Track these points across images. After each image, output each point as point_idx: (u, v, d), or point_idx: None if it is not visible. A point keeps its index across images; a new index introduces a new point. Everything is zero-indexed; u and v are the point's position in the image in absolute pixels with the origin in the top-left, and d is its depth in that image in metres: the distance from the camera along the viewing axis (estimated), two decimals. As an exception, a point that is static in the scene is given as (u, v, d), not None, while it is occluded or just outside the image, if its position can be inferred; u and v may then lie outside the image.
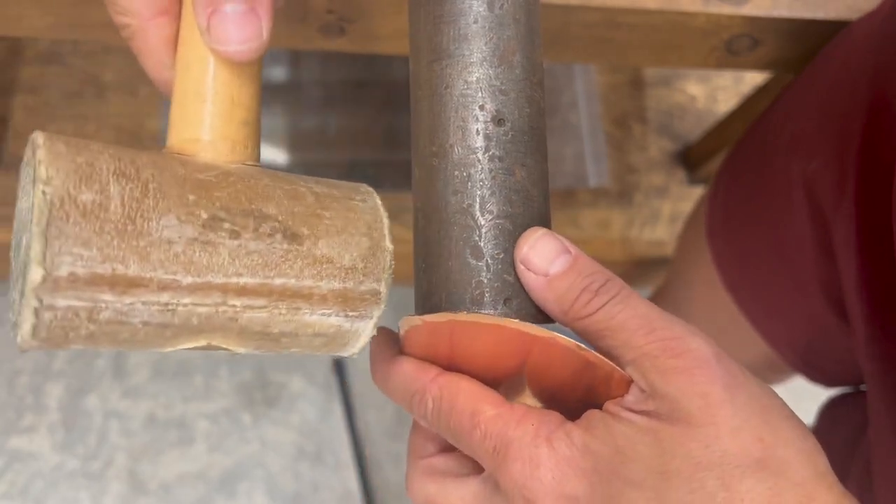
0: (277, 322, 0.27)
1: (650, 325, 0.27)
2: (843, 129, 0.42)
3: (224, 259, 0.26)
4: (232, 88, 0.29)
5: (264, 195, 0.27)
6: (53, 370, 0.92)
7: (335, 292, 0.28)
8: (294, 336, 0.28)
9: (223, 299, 0.26)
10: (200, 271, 0.25)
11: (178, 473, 0.89)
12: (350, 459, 0.91)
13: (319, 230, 0.28)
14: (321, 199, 0.29)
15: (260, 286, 0.26)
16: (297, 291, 0.27)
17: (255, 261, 0.26)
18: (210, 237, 0.26)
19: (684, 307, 0.66)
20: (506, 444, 0.27)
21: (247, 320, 0.27)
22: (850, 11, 0.46)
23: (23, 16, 0.45)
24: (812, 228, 0.46)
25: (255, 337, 0.27)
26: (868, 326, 0.42)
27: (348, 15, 0.44)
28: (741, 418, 0.26)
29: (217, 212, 0.26)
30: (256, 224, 0.27)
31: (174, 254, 0.25)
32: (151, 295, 0.25)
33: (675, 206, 0.83)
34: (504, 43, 0.30)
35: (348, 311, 0.28)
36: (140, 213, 0.24)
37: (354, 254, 0.28)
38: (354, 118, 0.81)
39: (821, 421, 0.57)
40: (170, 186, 0.25)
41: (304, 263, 0.27)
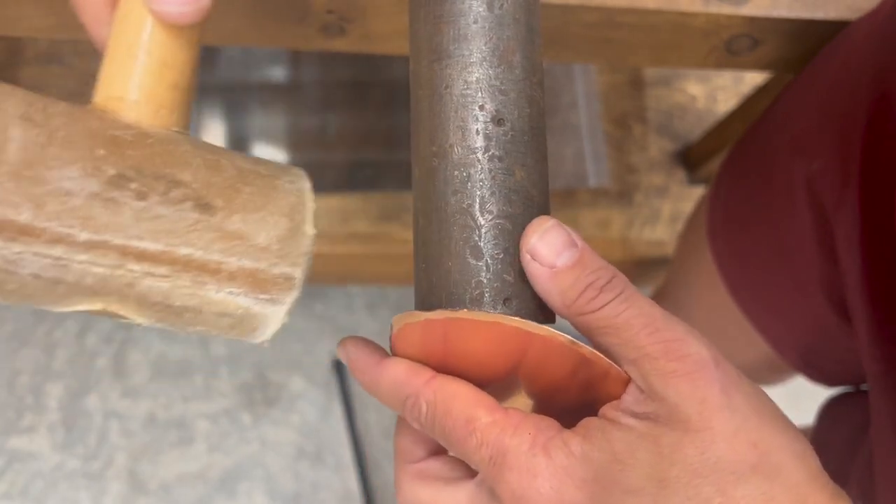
0: (179, 294, 0.26)
1: (653, 325, 0.27)
2: (844, 129, 0.42)
3: (126, 219, 0.25)
4: (165, 50, 0.28)
5: (181, 161, 0.27)
6: (53, 370, 0.92)
7: (245, 271, 0.27)
8: (197, 312, 0.27)
9: (121, 262, 0.25)
10: (98, 228, 0.24)
11: (178, 473, 0.89)
12: (350, 459, 0.91)
13: (235, 204, 0.27)
14: (243, 173, 0.28)
15: (162, 253, 0.25)
16: (203, 264, 0.26)
17: (160, 226, 0.25)
18: (114, 195, 0.25)
19: (685, 307, 0.66)
20: (502, 453, 0.27)
21: (146, 288, 0.26)
22: (850, 11, 0.46)
23: (23, 16, 0.45)
24: (813, 228, 0.46)
25: (155, 307, 0.26)
26: (871, 327, 0.42)
27: (348, 15, 0.44)
28: (736, 423, 0.26)
29: (125, 170, 0.25)
30: (167, 188, 0.26)
31: (72, 206, 0.24)
32: (43, 246, 0.24)
33: (675, 206, 0.83)
34: (504, 43, 0.30)
35: (258, 293, 0.27)
36: (41, 161, 0.23)
37: (271, 234, 0.27)
38: (354, 118, 0.81)
39: (821, 420, 0.57)
40: (79, 138, 0.25)
41: (214, 236, 0.26)
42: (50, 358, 0.92)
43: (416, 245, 0.31)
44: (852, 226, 0.41)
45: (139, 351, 0.94)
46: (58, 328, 0.94)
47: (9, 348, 0.92)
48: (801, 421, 0.67)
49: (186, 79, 0.29)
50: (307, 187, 0.29)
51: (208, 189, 0.27)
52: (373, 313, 0.99)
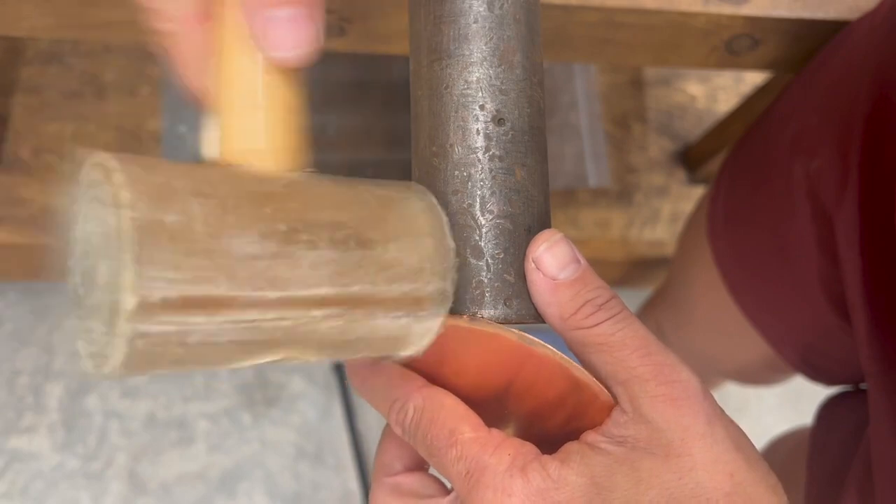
0: (353, 329, 0.27)
1: (647, 348, 0.27)
2: (844, 128, 0.42)
3: (304, 270, 0.25)
4: (286, 95, 0.28)
5: (332, 202, 0.27)
6: (53, 370, 0.92)
7: (406, 294, 0.28)
8: (367, 341, 0.28)
9: (305, 311, 0.25)
10: (284, 285, 0.25)
11: (178, 473, 0.89)
12: (350, 459, 0.91)
13: (387, 233, 0.27)
14: (383, 201, 0.28)
15: (338, 295, 0.26)
16: (372, 297, 0.27)
17: (333, 270, 0.26)
18: (290, 250, 0.25)
19: (685, 307, 0.66)
20: (480, 470, 0.27)
21: (326, 330, 0.26)
22: (850, 11, 0.46)
23: (23, 16, 0.45)
24: (814, 228, 0.46)
25: (331, 346, 0.27)
26: (869, 326, 0.42)
27: (348, 15, 0.44)
28: (716, 453, 0.26)
29: (294, 223, 0.25)
30: (330, 232, 0.26)
31: (259, 270, 0.24)
32: (240, 313, 0.24)
33: (675, 206, 0.83)
34: (504, 43, 0.30)
35: (418, 311, 0.28)
36: (223, 231, 0.24)
37: (421, 254, 0.28)
38: (354, 118, 0.81)
39: (820, 420, 0.57)
40: (245, 201, 0.25)
41: (377, 268, 0.27)
42: (50, 358, 0.92)
43: (417, 245, 0.31)
44: (852, 225, 0.41)
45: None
46: (58, 328, 0.94)
47: (9, 348, 0.92)
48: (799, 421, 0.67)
49: (303, 118, 0.29)
50: (435, 202, 0.30)
51: (362, 224, 0.27)
52: (373, 313, 0.99)
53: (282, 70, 0.28)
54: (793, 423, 0.71)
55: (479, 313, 0.29)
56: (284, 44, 0.27)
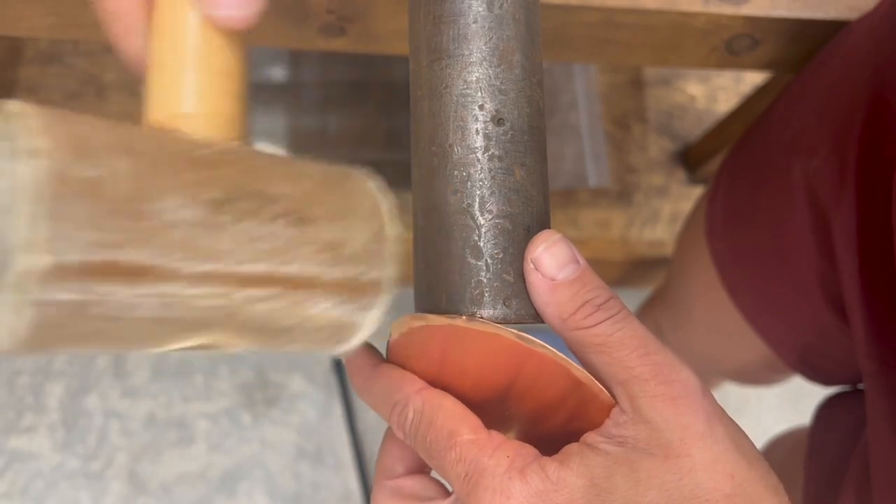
0: (280, 315, 0.25)
1: (646, 348, 0.27)
2: (843, 128, 0.42)
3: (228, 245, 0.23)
4: (224, 58, 0.26)
5: (265, 175, 0.25)
6: (53, 370, 0.92)
7: (339, 282, 0.26)
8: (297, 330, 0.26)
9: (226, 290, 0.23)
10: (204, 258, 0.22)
11: (178, 473, 0.89)
12: (350, 459, 0.91)
13: (325, 214, 0.25)
14: (322, 181, 0.27)
15: (264, 275, 0.24)
16: (303, 281, 0.25)
17: (260, 247, 0.24)
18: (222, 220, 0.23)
19: (683, 307, 0.66)
20: (479, 472, 0.27)
21: (248, 314, 0.24)
22: (850, 11, 0.46)
23: (23, 16, 0.45)
24: (812, 228, 0.46)
25: (254, 333, 0.25)
26: (867, 325, 0.42)
27: (348, 15, 0.44)
28: (716, 452, 0.26)
29: (227, 192, 0.23)
30: (260, 206, 0.24)
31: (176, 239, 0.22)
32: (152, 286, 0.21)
33: (675, 206, 0.83)
34: (504, 43, 0.30)
35: (352, 302, 0.26)
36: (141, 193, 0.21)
37: (358, 240, 0.26)
38: (354, 118, 0.81)
39: (818, 420, 0.57)
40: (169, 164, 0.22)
41: (310, 251, 0.25)
42: (50, 358, 0.92)
43: (416, 245, 0.31)
44: (849, 224, 0.42)
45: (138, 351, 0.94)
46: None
47: (9, 348, 0.92)
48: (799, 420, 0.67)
49: (244, 87, 0.27)
50: (377, 187, 0.28)
51: (297, 201, 0.25)
52: (373, 313, 0.99)
53: (221, 31, 0.26)
54: (792, 423, 0.71)
55: (479, 313, 0.29)
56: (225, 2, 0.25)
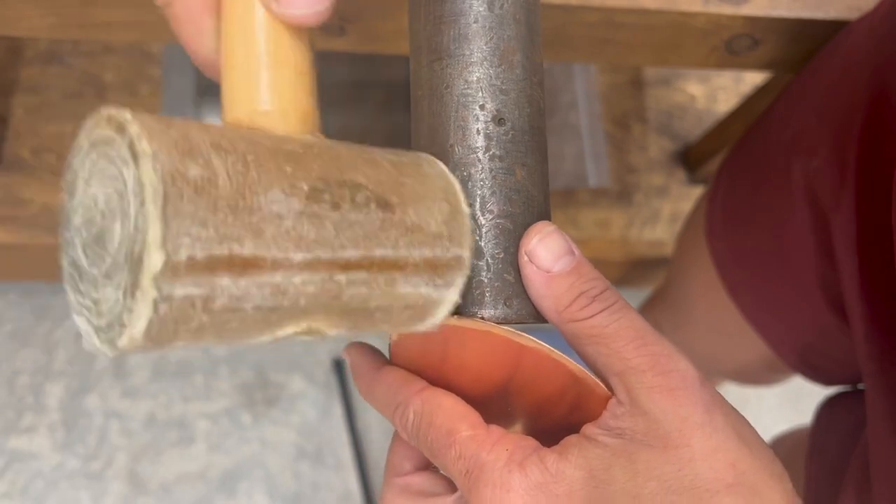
0: (375, 296, 0.26)
1: (642, 339, 0.27)
2: (843, 128, 0.42)
3: (329, 231, 0.24)
4: (295, 56, 0.27)
5: (349, 164, 0.26)
6: (53, 370, 0.92)
7: (426, 260, 0.26)
8: (388, 310, 0.26)
9: (329, 275, 0.24)
10: (310, 246, 0.23)
11: (178, 473, 0.89)
12: (350, 459, 0.91)
13: (405, 197, 0.26)
14: (397, 166, 0.27)
15: (362, 259, 0.25)
16: (394, 262, 0.26)
17: (357, 232, 0.25)
18: (314, 209, 0.24)
19: (683, 307, 0.66)
20: (478, 467, 0.27)
21: (349, 297, 0.25)
22: (850, 11, 0.46)
23: (23, 16, 0.45)
24: (812, 228, 0.46)
25: (353, 314, 0.26)
26: (867, 325, 0.42)
27: (348, 15, 0.44)
28: (716, 442, 0.26)
29: (315, 183, 0.24)
30: (352, 194, 0.25)
31: (285, 229, 0.23)
32: (266, 275, 0.22)
33: (675, 206, 0.83)
34: (504, 43, 0.30)
35: (436, 279, 0.27)
36: (247, 187, 0.22)
37: (439, 219, 0.27)
38: (354, 118, 0.81)
39: (818, 420, 0.57)
40: (265, 159, 0.23)
41: (398, 232, 0.26)
42: (50, 358, 0.92)
43: (417, 245, 0.31)
44: (849, 224, 0.42)
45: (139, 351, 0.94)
46: (58, 328, 0.94)
47: (9, 348, 0.92)
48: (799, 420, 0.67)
49: (315, 82, 0.28)
50: (445, 169, 0.29)
51: (381, 187, 0.26)
52: (373, 313, 0.99)
53: (291, 29, 0.26)
54: (793, 422, 0.71)
55: (480, 313, 0.29)
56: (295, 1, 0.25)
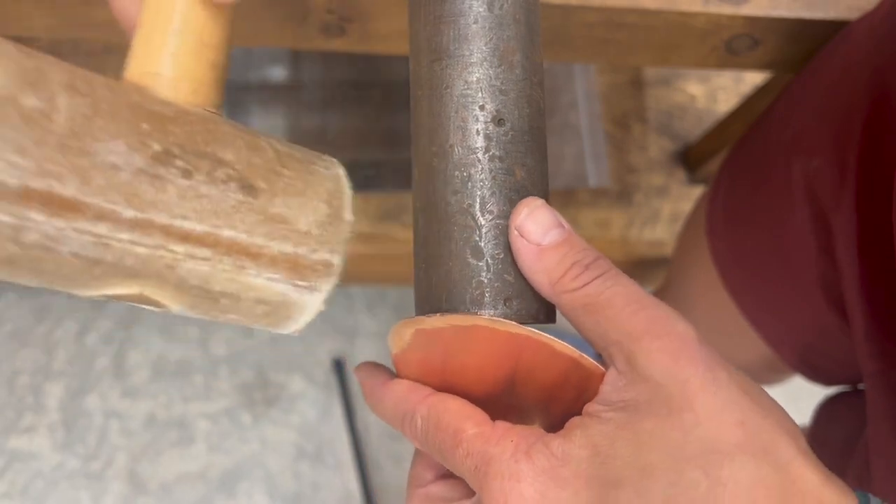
0: (219, 278, 0.25)
1: (638, 303, 0.27)
2: (843, 128, 0.42)
3: (171, 197, 0.24)
4: (203, 27, 0.27)
5: (223, 140, 0.26)
6: (53, 370, 0.92)
7: (286, 256, 0.26)
8: (235, 298, 0.26)
9: (164, 242, 0.24)
10: (144, 206, 0.23)
11: (178, 473, 0.89)
12: (350, 459, 0.91)
13: (277, 187, 0.26)
14: (282, 156, 0.27)
15: (206, 234, 0.24)
16: (246, 248, 0.25)
17: (205, 206, 0.24)
18: (159, 171, 0.23)
19: (683, 307, 0.66)
20: (486, 462, 0.27)
21: (186, 271, 0.25)
22: (850, 11, 0.46)
23: (23, 16, 0.45)
24: (812, 228, 0.46)
25: (192, 292, 0.25)
26: (867, 325, 0.42)
27: (348, 15, 0.44)
28: (721, 401, 0.25)
29: (170, 146, 0.24)
30: (211, 167, 0.25)
31: (118, 182, 0.23)
32: (87, 223, 0.22)
33: (675, 206, 0.83)
34: (504, 43, 0.30)
35: (297, 279, 0.27)
36: (87, 131, 0.22)
37: (311, 219, 0.27)
38: (354, 118, 0.81)
39: (817, 420, 0.57)
40: (123, 111, 0.23)
41: (257, 219, 0.25)
42: (50, 358, 0.92)
43: (416, 245, 0.31)
44: (849, 224, 0.42)
45: (139, 351, 0.94)
46: (58, 328, 0.94)
47: (9, 348, 0.92)
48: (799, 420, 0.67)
49: (223, 58, 0.28)
50: (342, 174, 0.29)
51: (251, 170, 0.26)
52: (373, 313, 0.99)
53: (207, 4, 0.27)
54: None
55: (479, 313, 0.29)
56: None
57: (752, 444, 0.24)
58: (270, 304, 0.27)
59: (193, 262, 0.25)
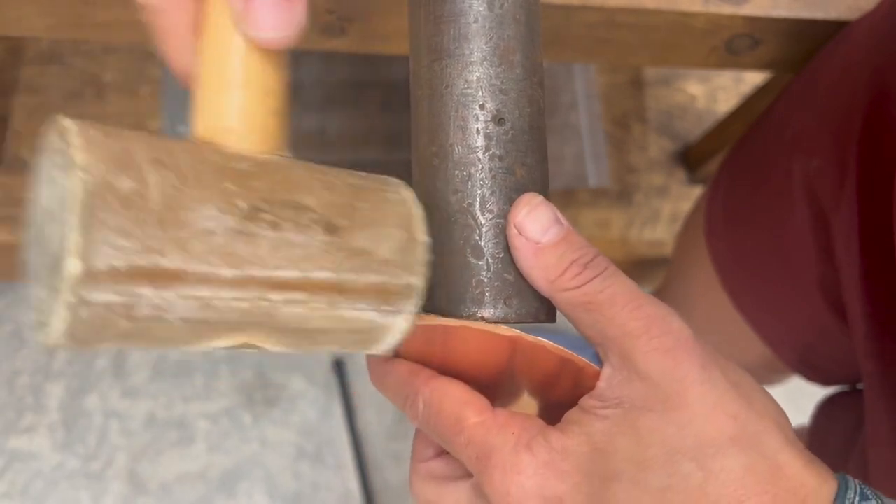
0: (315, 318, 0.26)
1: (636, 302, 0.27)
2: (842, 128, 0.42)
3: (264, 251, 0.25)
4: (265, 76, 0.28)
5: (301, 186, 0.26)
6: (53, 370, 0.92)
7: (372, 286, 0.27)
8: (330, 332, 0.27)
9: (262, 294, 0.25)
10: (241, 264, 0.24)
11: (178, 473, 0.89)
12: (350, 459, 0.91)
13: (356, 222, 0.27)
14: (356, 190, 0.28)
15: (300, 280, 0.25)
16: (336, 285, 0.26)
17: (296, 253, 0.25)
18: (250, 228, 0.24)
19: (683, 307, 0.66)
20: (487, 452, 0.27)
21: (285, 316, 0.25)
22: (850, 11, 0.46)
23: (23, 16, 0.45)
24: (811, 227, 0.46)
25: (292, 334, 0.26)
26: (868, 325, 0.42)
27: (348, 15, 0.44)
28: (715, 397, 0.26)
29: (257, 202, 0.25)
30: (296, 215, 0.25)
31: (215, 245, 0.24)
32: (191, 289, 0.23)
33: (675, 206, 0.83)
34: (504, 42, 0.30)
35: (383, 305, 0.27)
36: (179, 203, 0.23)
37: (390, 246, 0.27)
38: (354, 118, 0.81)
39: (816, 420, 0.57)
40: (207, 175, 0.24)
41: (343, 256, 0.26)
42: (50, 358, 0.92)
43: (417, 244, 0.31)
44: (849, 224, 0.42)
45: (139, 351, 0.94)
46: (58, 328, 0.94)
47: (9, 348, 0.92)
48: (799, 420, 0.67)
49: (284, 103, 0.29)
50: (411, 196, 0.29)
51: (331, 210, 0.26)
52: (373, 313, 0.99)
53: (263, 51, 0.27)
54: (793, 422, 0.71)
55: (479, 313, 0.29)
56: (266, 24, 0.26)
57: (743, 436, 0.26)
58: (362, 332, 0.28)
59: (290, 307, 0.25)
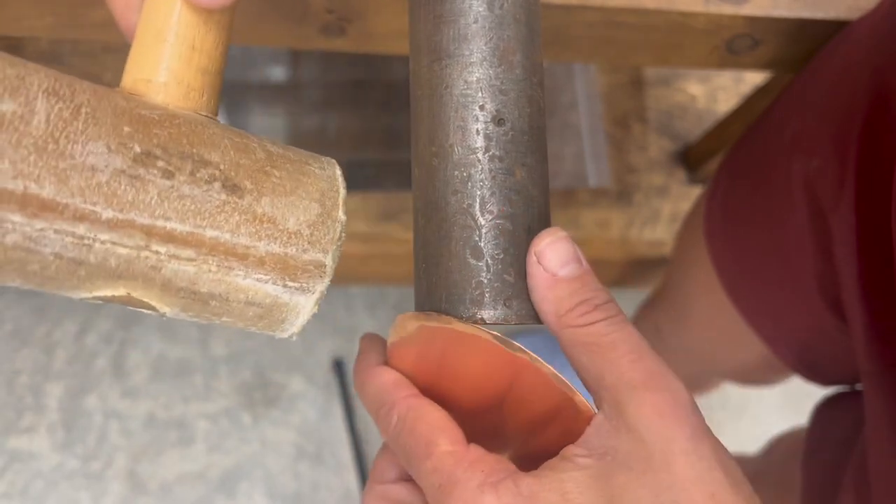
0: (206, 280, 0.25)
1: (639, 353, 0.27)
2: (842, 128, 0.42)
3: (152, 198, 0.24)
4: (195, 33, 0.27)
5: (209, 142, 0.26)
6: (53, 370, 0.92)
7: (274, 256, 0.26)
8: (224, 300, 0.26)
9: (146, 242, 0.24)
10: (123, 207, 0.24)
11: (178, 473, 0.89)
12: (350, 459, 0.91)
13: (265, 187, 0.26)
14: (273, 157, 0.27)
15: (189, 235, 0.25)
16: (231, 248, 0.25)
17: (187, 206, 0.25)
18: (139, 172, 0.24)
19: (682, 307, 0.66)
20: (451, 484, 0.26)
21: (171, 272, 0.25)
22: (850, 11, 0.46)
23: (23, 16, 0.45)
24: (811, 228, 0.46)
25: (180, 294, 0.25)
26: (866, 326, 0.42)
27: (348, 15, 0.44)
28: (699, 471, 0.25)
29: (152, 148, 0.24)
30: (194, 168, 0.25)
31: (97, 183, 0.23)
32: (66, 223, 0.23)
33: (675, 206, 0.83)
34: (504, 43, 0.30)
35: (287, 280, 0.27)
36: (65, 135, 0.23)
37: (301, 218, 0.27)
38: (354, 118, 0.81)
39: (815, 420, 0.57)
40: (105, 114, 0.24)
41: (242, 219, 0.26)
42: (50, 358, 0.92)
43: (416, 245, 0.31)
44: (849, 224, 0.42)
45: (139, 351, 0.94)
46: (58, 328, 0.94)
47: (9, 348, 0.92)
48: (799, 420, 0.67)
49: (216, 63, 0.28)
50: (338, 174, 0.29)
51: (237, 171, 0.26)
52: (373, 313, 0.99)
53: (199, 10, 0.27)
54: (792, 423, 0.71)
55: (479, 314, 0.29)
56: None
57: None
58: (262, 306, 0.27)
59: (178, 263, 0.25)
